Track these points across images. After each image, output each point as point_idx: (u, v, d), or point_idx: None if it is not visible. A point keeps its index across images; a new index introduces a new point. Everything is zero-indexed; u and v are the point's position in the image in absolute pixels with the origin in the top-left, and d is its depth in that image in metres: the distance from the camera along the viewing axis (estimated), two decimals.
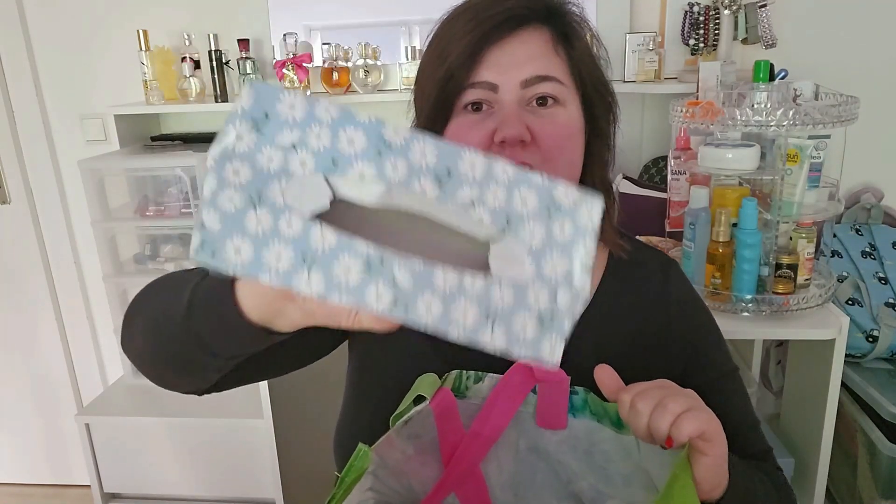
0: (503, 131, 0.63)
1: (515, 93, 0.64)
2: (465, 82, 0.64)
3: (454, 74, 0.63)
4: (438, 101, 0.65)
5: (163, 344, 0.56)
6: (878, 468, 1.34)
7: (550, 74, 0.64)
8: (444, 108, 0.66)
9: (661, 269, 0.79)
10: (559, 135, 0.65)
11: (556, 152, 0.65)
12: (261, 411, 1.57)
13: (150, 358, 0.59)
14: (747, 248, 1.24)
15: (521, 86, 0.64)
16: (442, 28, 0.67)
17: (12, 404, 2.27)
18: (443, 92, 0.65)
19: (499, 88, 0.64)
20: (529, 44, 0.64)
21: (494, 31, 0.63)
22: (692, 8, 1.66)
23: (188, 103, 1.78)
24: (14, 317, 2.17)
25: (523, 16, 0.64)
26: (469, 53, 0.63)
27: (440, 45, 0.66)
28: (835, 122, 1.19)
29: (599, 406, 0.64)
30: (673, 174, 1.52)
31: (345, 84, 1.77)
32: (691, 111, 1.27)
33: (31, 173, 2.04)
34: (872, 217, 1.62)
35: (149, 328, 0.58)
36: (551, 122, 0.65)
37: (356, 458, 0.59)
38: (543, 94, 0.64)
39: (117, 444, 1.70)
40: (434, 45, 0.67)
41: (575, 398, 0.65)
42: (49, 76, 1.97)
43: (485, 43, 0.63)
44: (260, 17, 1.84)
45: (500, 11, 0.63)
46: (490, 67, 0.63)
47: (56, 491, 2.33)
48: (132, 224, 1.70)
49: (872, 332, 1.41)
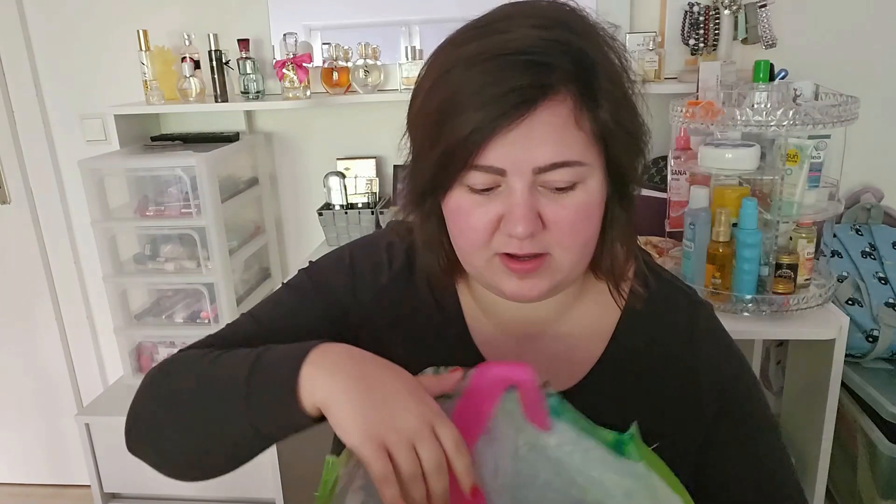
0: (512, 227, 0.55)
1: (527, 179, 0.55)
2: (468, 162, 0.55)
3: (458, 150, 0.54)
4: (439, 171, 0.57)
5: (209, 441, 0.59)
6: (878, 468, 1.34)
7: (569, 159, 0.55)
8: (445, 180, 0.57)
9: (686, 324, 0.70)
10: (574, 220, 0.57)
11: (570, 238, 0.58)
12: None
13: (184, 456, 0.62)
14: (747, 248, 1.24)
15: (534, 172, 0.55)
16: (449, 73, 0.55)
17: (12, 404, 2.27)
18: (445, 163, 0.56)
19: (507, 172, 0.55)
20: (547, 122, 0.53)
21: (508, 113, 0.52)
22: (692, 8, 1.66)
23: (188, 103, 1.78)
24: (14, 317, 2.17)
25: (544, 87, 0.53)
26: (478, 133, 0.53)
27: (442, 100, 0.55)
28: (835, 122, 1.19)
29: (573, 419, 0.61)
30: (673, 174, 1.52)
31: (345, 84, 1.77)
32: (691, 111, 1.28)
33: (31, 173, 2.04)
34: (872, 217, 1.62)
35: (189, 426, 0.59)
36: (567, 208, 0.56)
37: (326, 472, 0.56)
38: (561, 183, 0.56)
39: (117, 444, 1.68)
40: (435, 94, 0.56)
41: (552, 400, 0.61)
42: (49, 76, 1.97)
43: (496, 125, 0.52)
44: (260, 17, 1.84)
45: (515, 88, 0.52)
46: (499, 150, 0.54)
47: (56, 491, 2.33)
48: (132, 224, 1.70)
49: (872, 332, 1.41)
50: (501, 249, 0.58)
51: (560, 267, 0.59)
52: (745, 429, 0.68)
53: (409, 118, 0.61)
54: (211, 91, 1.80)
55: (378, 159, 1.90)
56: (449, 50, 0.57)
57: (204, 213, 1.61)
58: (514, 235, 0.56)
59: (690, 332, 0.69)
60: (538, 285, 0.60)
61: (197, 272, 1.69)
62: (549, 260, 0.59)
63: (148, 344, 1.81)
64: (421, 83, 0.59)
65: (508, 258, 0.58)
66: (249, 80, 1.76)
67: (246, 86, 1.76)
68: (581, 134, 0.55)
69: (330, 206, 1.83)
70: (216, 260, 1.65)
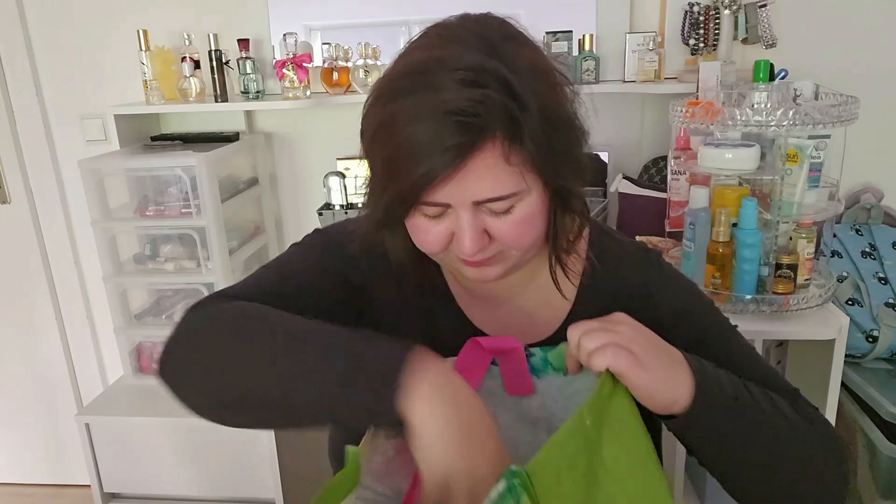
0: (460, 248, 0.64)
1: (468, 209, 0.63)
2: (415, 200, 0.62)
3: (407, 194, 0.62)
4: (391, 209, 0.65)
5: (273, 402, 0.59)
6: (878, 468, 1.34)
7: (503, 194, 0.62)
8: (399, 212, 0.65)
9: (642, 269, 0.79)
10: (518, 230, 0.65)
11: (517, 241, 0.65)
12: None
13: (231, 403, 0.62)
14: (747, 248, 1.24)
15: (474, 204, 0.62)
16: (388, 126, 0.61)
17: (12, 404, 2.27)
18: (395, 208, 0.64)
19: (451, 205, 0.63)
20: (480, 167, 0.60)
21: (447, 166, 0.59)
22: (692, 8, 1.66)
23: (188, 103, 1.78)
24: (14, 317, 2.17)
25: (474, 141, 0.59)
26: (422, 184, 0.60)
27: (386, 154, 0.62)
28: (835, 122, 1.19)
29: (557, 358, 0.68)
30: (673, 174, 1.52)
31: (345, 84, 1.77)
32: (691, 111, 1.28)
33: (31, 173, 2.04)
34: (872, 217, 1.62)
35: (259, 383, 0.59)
36: (509, 223, 0.64)
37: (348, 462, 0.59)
38: (498, 209, 0.63)
39: (117, 444, 1.70)
40: (378, 142, 0.63)
41: (534, 360, 0.68)
42: (49, 76, 1.97)
43: (436, 175, 0.59)
44: (260, 17, 1.84)
45: (451, 146, 0.58)
46: (441, 191, 0.61)
47: (56, 491, 2.33)
48: (132, 224, 1.70)
49: (872, 332, 1.41)
50: (457, 254, 0.67)
51: (512, 257, 0.68)
52: (704, 332, 0.77)
53: (363, 149, 0.68)
54: (211, 91, 1.80)
55: None
56: (388, 98, 0.62)
57: (204, 213, 1.61)
58: (464, 255, 0.65)
59: (646, 277, 0.78)
60: (494, 271, 0.69)
61: (197, 272, 1.69)
62: (501, 254, 0.67)
63: (148, 344, 1.81)
64: (366, 124, 0.66)
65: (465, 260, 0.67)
66: (249, 80, 1.76)
67: (246, 86, 1.76)
68: (512, 168, 0.61)
69: (330, 206, 1.83)
70: (216, 260, 1.65)
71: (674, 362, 0.63)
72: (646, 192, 1.64)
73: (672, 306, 0.78)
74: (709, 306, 0.80)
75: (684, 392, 0.62)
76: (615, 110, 1.81)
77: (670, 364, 0.63)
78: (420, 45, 0.65)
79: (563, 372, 0.68)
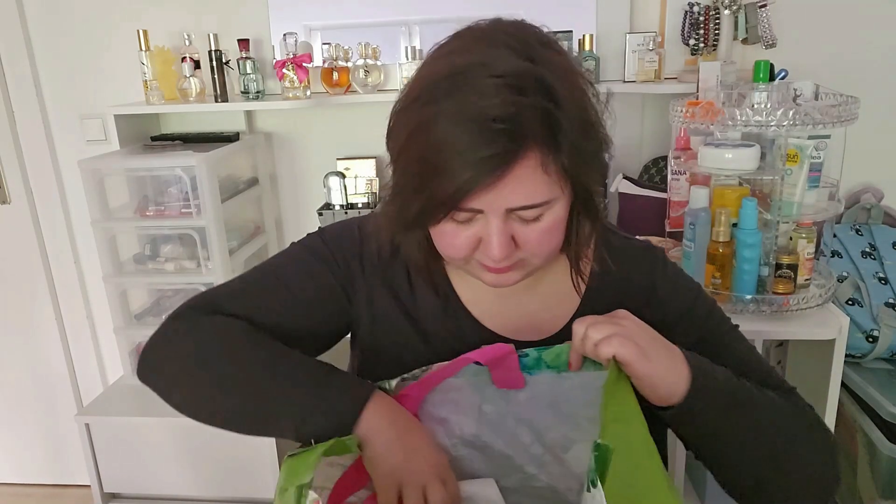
0: (488, 253, 0.65)
1: (500, 216, 0.63)
2: (452, 206, 0.62)
3: (442, 201, 0.62)
4: (423, 215, 0.65)
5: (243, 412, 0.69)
6: (878, 468, 1.34)
7: (537, 202, 0.63)
8: (428, 221, 0.66)
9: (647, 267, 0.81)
10: (542, 238, 0.66)
11: (539, 249, 0.67)
12: None
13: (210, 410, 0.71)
14: (747, 248, 1.24)
15: (507, 212, 0.63)
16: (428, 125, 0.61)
17: (12, 404, 2.27)
18: (427, 212, 0.64)
19: (484, 212, 0.63)
20: (519, 176, 0.61)
21: (486, 175, 0.60)
22: (692, 8, 1.66)
23: (188, 103, 1.77)
24: (14, 317, 2.17)
25: (515, 152, 0.60)
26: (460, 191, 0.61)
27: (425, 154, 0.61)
28: (835, 122, 1.19)
29: (552, 357, 0.70)
30: (673, 174, 1.52)
31: (345, 84, 1.77)
32: (691, 111, 1.28)
33: (31, 173, 2.04)
34: (872, 217, 1.62)
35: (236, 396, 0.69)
36: (537, 230, 0.65)
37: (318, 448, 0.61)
38: (529, 216, 0.65)
39: (117, 444, 1.70)
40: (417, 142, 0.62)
41: (526, 359, 0.70)
42: (49, 76, 1.97)
43: (475, 183, 0.60)
44: (260, 17, 1.84)
45: (493, 155, 0.59)
46: (478, 199, 0.62)
47: (56, 491, 2.33)
48: (132, 224, 1.70)
49: (872, 332, 1.41)
50: (480, 260, 0.68)
51: (531, 264, 0.70)
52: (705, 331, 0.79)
53: (392, 150, 0.67)
54: (211, 91, 1.80)
55: (378, 159, 1.90)
56: (426, 100, 0.62)
57: (204, 213, 1.61)
58: (491, 258, 0.66)
59: (651, 275, 0.80)
60: (512, 277, 0.70)
61: (197, 272, 1.69)
62: (522, 261, 0.69)
63: None
64: (399, 124, 0.65)
65: (486, 266, 0.68)
66: (249, 80, 1.76)
67: (246, 86, 1.76)
68: (548, 177, 0.63)
69: (330, 206, 1.83)
70: (216, 260, 1.65)
71: (673, 356, 0.66)
72: (646, 192, 1.64)
73: (676, 305, 0.79)
74: (711, 305, 0.81)
75: (682, 384, 0.65)
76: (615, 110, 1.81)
77: (670, 357, 0.66)
78: (456, 48, 0.64)
79: (557, 369, 0.70)
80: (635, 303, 0.75)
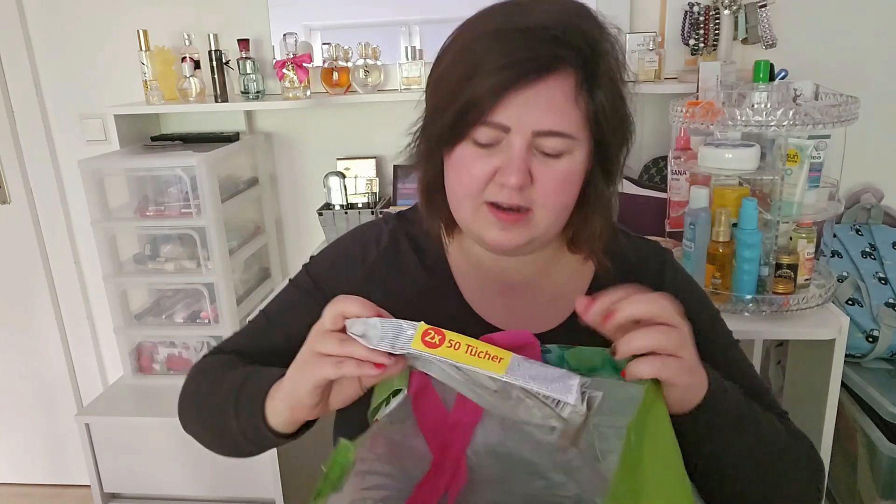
0: (506, 177, 0.64)
1: (526, 138, 0.64)
2: (481, 118, 0.64)
3: (474, 108, 0.63)
4: (453, 124, 0.66)
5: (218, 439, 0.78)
6: (878, 468, 1.34)
7: (564, 131, 0.64)
8: (456, 133, 0.66)
9: (656, 268, 0.81)
10: (558, 183, 0.66)
11: (551, 198, 0.67)
12: None
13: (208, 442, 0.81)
14: (747, 248, 1.24)
15: (534, 135, 0.64)
16: (473, 44, 0.65)
17: (12, 404, 2.27)
18: (460, 118, 0.65)
19: (511, 130, 0.64)
20: (552, 92, 0.63)
21: (523, 77, 0.62)
22: (692, 8, 1.66)
23: (188, 103, 1.77)
24: (14, 317, 2.17)
25: (555, 61, 0.62)
26: (493, 94, 0.62)
27: (467, 66, 0.64)
28: (835, 122, 1.19)
29: (575, 358, 0.66)
30: (673, 174, 1.52)
31: (345, 84, 1.77)
32: (691, 111, 1.28)
33: (31, 173, 2.04)
34: (872, 217, 1.62)
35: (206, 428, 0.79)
36: (553, 170, 0.66)
37: (338, 454, 0.60)
38: (551, 150, 0.65)
39: (117, 444, 1.70)
40: (460, 59, 0.65)
41: (549, 356, 0.66)
42: (49, 76, 1.97)
43: (510, 86, 0.62)
44: (260, 17, 1.84)
45: (532, 57, 0.62)
46: (508, 110, 0.63)
47: (56, 491, 2.33)
48: (132, 224, 1.70)
49: (872, 332, 1.41)
50: (491, 198, 0.67)
51: (538, 224, 0.68)
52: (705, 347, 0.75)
53: (430, 82, 0.70)
54: (211, 91, 1.80)
55: (378, 159, 1.90)
56: (476, 23, 0.66)
57: (204, 213, 1.61)
58: (507, 185, 0.64)
59: (660, 277, 0.79)
60: (517, 237, 0.68)
61: (197, 272, 1.69)
62: (530, 216, 0.68)
63: (148, 344, 1.81)
64: (446, 49, 0.68)
65: (495, 208, 0.67)
66: (249, 80, 1.76)
67: (246, 86, 1.76)
68: (577, 111, 0.64)
69: (330, 206, 1.83)
70: (216, 260, 1.65)
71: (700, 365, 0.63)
72: (646, 192, 1.64)
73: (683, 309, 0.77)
74: (716, 315, 0.81)
75: (699, 396, 0.63)
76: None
77: (699, 365, 0.63)
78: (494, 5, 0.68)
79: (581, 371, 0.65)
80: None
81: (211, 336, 1.73)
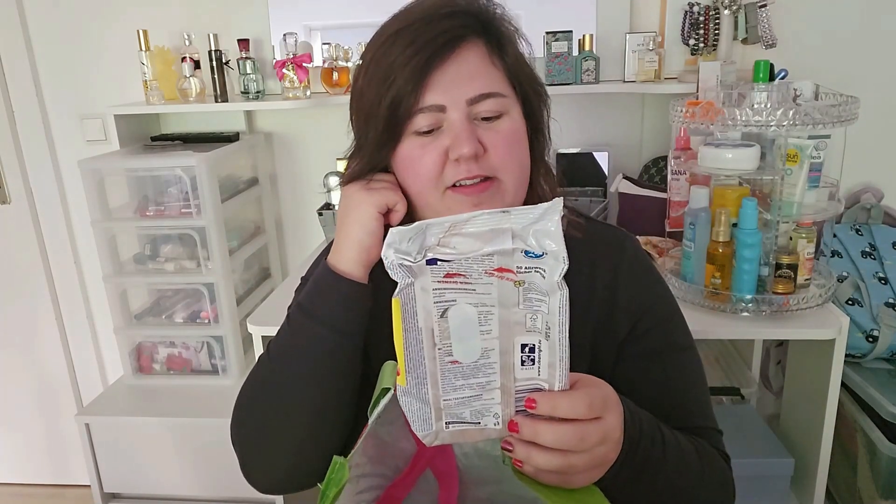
0: (458, 150, 0.66)
1: (463, 110, 0.66)
2: (413, 107, 0.66)
3: (402, 100, 0.66)
4: (388, 126, 0.67)
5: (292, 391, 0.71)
6: (878, 468, 1.34)
7: (493, 91, 0.67)
8: (394, 133, 0.68)
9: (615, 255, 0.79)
10: (508, 143, 0.69)
11: (508, 159, 0.69)
12: None
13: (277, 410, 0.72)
14: (747, 248, 1.24)
15: (468, 103, 0.67)
16: (379, 51, 0.68)
17: (12, 404, 2.27)
18: (392, 117, 0.67)
19: (446, 108, 0.66)
20: (469, 61, 0.67)
21: (436, 55, 0.65)
22: (692, 8, 1.66)
23: (188, 103, 1.78)
24: (14, 317, 2.17)
25: (459, 34, 0.67)
26: (415, 79, 0.65)
27: (382, 71, 0.67)
28: (835, 122, 1.18)
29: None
30: (673, 174, 1.52)
31: (345, 84, 1.77)
32: (691, 111, 1.27)
33: (31, 173, 2.04)
34: (872, 217, 1.62)
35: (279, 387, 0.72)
36: (499, 132, 0.68)
37: (333, 472, 0.60)
38: (489, 112, 0.68)
39: (117, 444, 1.70)
40: (373, 69, 0.68)
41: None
42: (49, 76, 1.97)
43: (428, 68, 0.65)
44: (260, 17, 1.84)
45: (437, 34, 0.65)
46: (435, 90, 0.66)
47: (56, 491, 2.33)
48: (132, 224, 1.70)
49: (872, 332, 1.41)
50: (452, 180, 0.68)
51: (507, 189, 0.69)
52: (652, 347, 0.76)
53: (352, 102, 0.72)
54: (211, 91, 1.80)
55: None
56: (379, 35, 0.70)
57: (204, 213, 1.61)
58: (461, 157, 0.66)
59: (617, 261, 0.78)
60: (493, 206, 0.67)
61: (197, 272, 1.69)
62: (496, 183, 0.69)
63: (148, 344, 1.81)
64: (359, 69, 0.71)
65: (461, 189, 0.68)
66: (249, 80, 1.76)
67: (246, 86, 1.76)
68: (497, 71, 0.69)
69: (330, 206, 1.83)
70: (216, 260, 1.65)
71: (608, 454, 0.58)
72: (646, 192, 1.64)
73: (634, 297, 0.76)
74: (672, 313, 0.79)
75: (614, 456, 0.59)
76: (615, 110, 1.81)
77: (604, 464, 0.58)
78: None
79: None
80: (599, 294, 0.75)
81: (211, 336, 1.74)
